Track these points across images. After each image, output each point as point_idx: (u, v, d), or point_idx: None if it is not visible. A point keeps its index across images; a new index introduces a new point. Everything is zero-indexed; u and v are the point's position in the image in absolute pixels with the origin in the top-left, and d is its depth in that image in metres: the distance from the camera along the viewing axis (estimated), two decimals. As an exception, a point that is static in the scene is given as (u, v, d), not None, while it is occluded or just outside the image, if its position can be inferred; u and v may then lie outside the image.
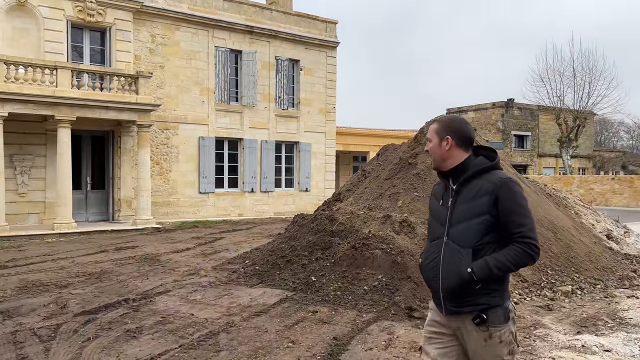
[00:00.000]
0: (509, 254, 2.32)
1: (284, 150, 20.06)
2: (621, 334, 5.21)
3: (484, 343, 2.38)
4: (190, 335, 5.07)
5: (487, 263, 2.32)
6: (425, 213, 8.29)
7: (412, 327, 5.34)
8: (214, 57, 18.09)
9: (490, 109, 40.19)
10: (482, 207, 2.38)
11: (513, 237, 2.34)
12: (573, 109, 33.72)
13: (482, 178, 2.43)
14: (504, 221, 2.35)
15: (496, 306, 2.38)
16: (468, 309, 2.39)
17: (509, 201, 2.35)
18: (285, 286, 6.97)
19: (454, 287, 2.38)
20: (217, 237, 12.84)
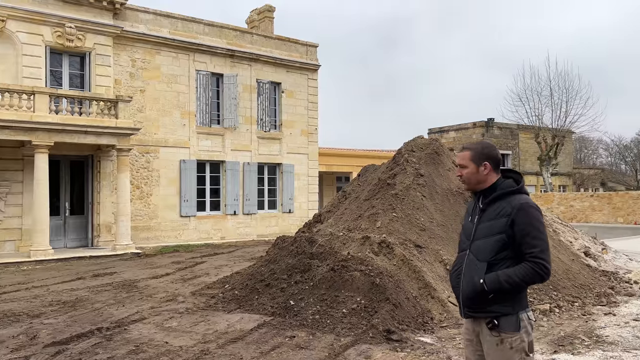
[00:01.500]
0: (519, 271, 2.57)
1: (266, 172, 20.04)
2: (597, 352, 5.22)
3: (495, 347, 2.64)
4: (163, 364, 4.95)
5: (498, 277, 2.58)
6: (404, 233, 8.31)
7: (389, 350, 5.29)
8: (195, 80, 18.14)
9: (471, 129, 40.74)
10: (500, 227, 2.64)
11: (525, 257, 2.58)
12: (551, 128, 34.34)
13: (505, 200, 2.70)
14: (519, 242, 2.59)
15: (508, 315, 2.61)
16: (481, 314, 2.68)
17: (524, 224, 2.59)
18: (263, 311, 6.88)
19: (470, 295, 2.68)
20: (197, 262, 12.68)
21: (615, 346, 5.44)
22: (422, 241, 8.18)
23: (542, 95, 34.62)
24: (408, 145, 10.68)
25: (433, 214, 8.90)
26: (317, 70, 21.60)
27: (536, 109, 34.77)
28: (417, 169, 9.81)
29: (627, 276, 9.26)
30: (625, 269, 10.28)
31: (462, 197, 9.39)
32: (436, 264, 7.75)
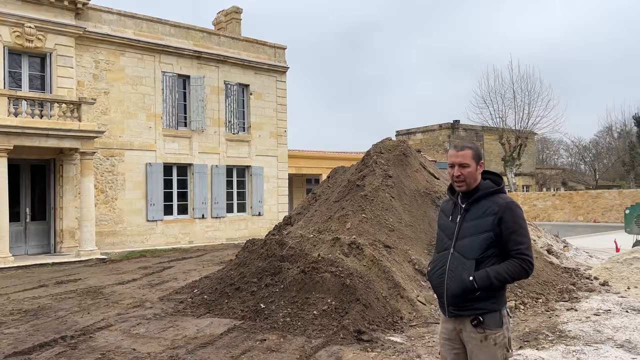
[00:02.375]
0: (508, 267, 2.64)
1: (235, 174, 19.88)
2: (560, 347, 5.38)
3: (480, 344, 2.68)
4: (131, 371, 4.85)
5: (487, 274, 2.63)
6: (373, 234, 8.38)
7: (360, 350, 5.32)
8: (161, 82, 17.84)
9: (437, 131, 41.45)
10: (487, 225, 2.70)
11: (512, 253, 2.67)
12: (515, 129, 35.27)
13: (489, 200, 2.76)
14: (506, 239, 2.67)
15: (493, 311, 2.68)
16: (467, 312, 2.69)
17: (511, 222, 2.67)
18: (233, 315, 6.82)
19: (457, 293, 2.69)
20: (165, 267, 12.46)
21: (577, 340, 5.62)
22: (391, 242, 8.27)
23: (505, 98, 35.56)
24: (376, 147, 10.78)
25: (402, 215, 9.01)
26: (285, 73, 21.58)
27: (500, 111, 35.69)
28: (385, 170, 9.91)
29: (588, 272, 9.58)
30: (585, 266, 10.64)
31: (429, 197, 9.54)
32: (405, 263, 7.84)
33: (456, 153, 2.83)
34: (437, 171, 11.19)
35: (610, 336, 5.74)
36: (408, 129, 43.68)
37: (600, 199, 29.28)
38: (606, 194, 29.60)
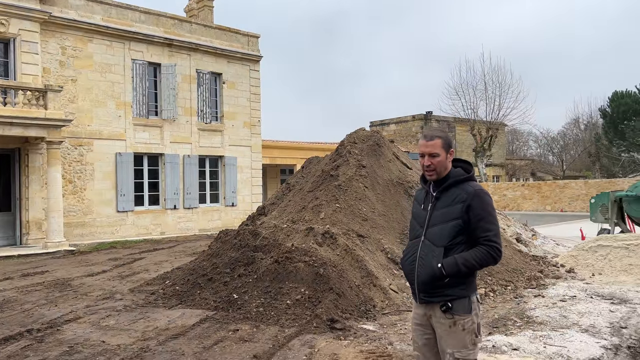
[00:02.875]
0: (475, 254, 2.68)
1: (208, 164, 19.65)
2: (528, 332, 5.51)
3: (448, 329, 2.72)
4: (100, 364, 4.76)
5: (455, 260, 2.67)
6: (347, 224, 8.40)
7: (333, 338, 5.34)
8: (131, 70, 17.44)
9: (410, 122, 41.81)
10: (456, 213, 2.72)
11: (480, 240, 2.70)
12: (486, 121, 35.83)
13: (459, 187, 2.79)
14: (474, 226, 2.70)
15: (462, 297, 2.71)
16: (437, 299, 2.72)
17: (479, 209, 2.70)
18: (206, 306, 6.75)
19: (427, 280, 2.72)
20: (136, 258, 12.26)
21: (544, 326, 5.76)
22: (364, 231, 8.31)
23: (477, 89, 36.03)
24: (350, 137, 10.79)
25: (375, 204, 9.05)
26: (259, 62, 21.36)
27: (471, 102, 36.15)
28: (359, 160, 9.93)
29: (555, 260, 9.84)
30: (553, 254, 10.93)
31: (402, 187, 9.62)
32: (378, 252, 7.90)
33: (426, 143, 2.83)
34: (409, 161, 11.28)
35: (576, 321, 5.91)
36: (382, 119, 43.93)
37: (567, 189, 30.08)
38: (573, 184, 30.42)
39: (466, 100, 36.31)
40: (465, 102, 36.30)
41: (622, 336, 5.32)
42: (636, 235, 9.88)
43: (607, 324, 5.77)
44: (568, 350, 4.87)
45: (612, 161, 38.59)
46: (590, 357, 4.68)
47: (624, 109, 35.79)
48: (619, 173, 36.75)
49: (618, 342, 5.11)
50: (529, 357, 4.66)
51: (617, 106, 36.67)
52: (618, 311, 6.35)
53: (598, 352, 4.80)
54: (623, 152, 37.16)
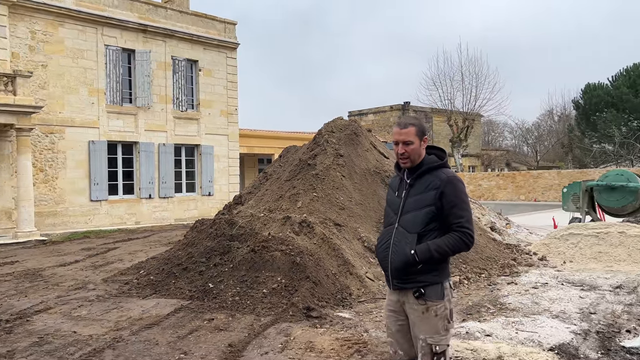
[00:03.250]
0: (448, 240, 2.68)
1: (184, 153, 19.39)
2: (501, 318, 5.61)
3: (421, 315, 2.73)
4: (71, 355, 4.66)
5: (428, 247, 2.67)
6: (324, 213, 8.40)
7: (309, 327, 5.35)
8: (104, 56, 17.03)
9: (388, 112, 41.95)
10: (429, 200, 2.72)
11: (452, 227, 2.70)
12: (462, 111, 36.20)
13: (432, 174, 2.78)
14: (447, 213, 2.70)
15: (435, 284, 2.72)
16: (410, 285, 2.73)
17: (452, 196, 2.70)
18: (181, 295, 6.68)
19: (400, 267, 2.72)
20: (110, 248, 12.06)
21: (517, 312, 5.87)
22: (341, 220, 8.32)
23: (454, 80, 36.36)
24: (328, 126, 10.76)
25: (352, 193, 9.06)
26: (236, 49, 21.10)
27: (448, 93, 36.47)
28: (336, 149, 9.92)
29: (528, 248, 10.03)
30: (526, 242, 11.13)
31: (379, 176, 9.64)
32: (355, 241, 7.92)
33: (400, 131, 2.83)
34: (387, 151, 11.32)
35: (547, 307, 6.04)
36: (360, 109, 43.97)
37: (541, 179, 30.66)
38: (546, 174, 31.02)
39: (443, 91, 36.65)
40: (443, 93, 36.61)
41: (591, 322, 5.45)
42: (606, 224, 10.13)
43: (576, 310, 5.90)
44: (539, 335, 4.96)
45: (584, 152, 39.45)
46: (560, 342, 4.78)
47: (596, 101, 36.57)
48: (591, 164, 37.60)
49: (587, 328, 5.24)
50: (501, 343, 4.74)
51: (589, 98, 37.45)
52: (587, 297, 6.51)
53: (568, 337, 4.91)
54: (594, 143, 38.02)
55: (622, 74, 36.96)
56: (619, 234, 9.32)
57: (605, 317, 5.64)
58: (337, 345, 4.76)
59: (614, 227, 9.60)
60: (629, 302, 6.29)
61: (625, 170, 13.56)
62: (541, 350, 4.56)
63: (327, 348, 4.69)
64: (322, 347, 4.70)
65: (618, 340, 4.89)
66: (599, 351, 4.59)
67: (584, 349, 4.64)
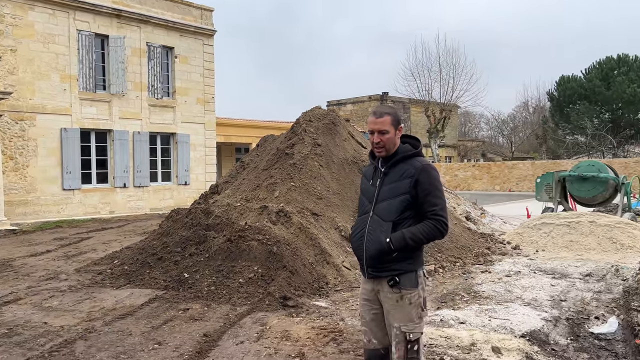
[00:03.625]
0: (423, 228, 2.69)
1: (159, 142, 19.09)
2: (475, 306, 5.69)
3: (395, 304, 2.74)
4: (41, 346, 4.56)
5: (403, 235, 2.68)
6: (301, 202, 8.37)
7: (285, 316, 5.34)
8: (77, 41, 16.58)
9: (367, 102, 42.01)
10: (404, 188, 2.72)
11: (427, 215, 2.72)
12: (440, 102, 36.48)
13: (407, 163, 2.79)
14: (421, 201, 2.71)
15: (409, 272, 2.73)
16: (385, 273, 2.73)
17: (427, 184, 2.71)
18: (155, 285, 6.60)
19: (375, 255, 2.72)
20: (83, 237, 11.84)
21: (490, 300, 5.97)
22: (319, 209, 8.31)
23: (431, 71, 36.59)
24: (306, 116, 10.70)
25: (330, 183, 9.06)
26: (213, 36, 20.78)
27: (426, 84, 36.68)
28: (314, 139, 9.88)
29: (502, 237, 10.20)
30: (500, 231, 11.32)
31: (356, 166, 9.65)
32: (332, 230, 7.93)
33: (375, 120, 2.82)
34: (365, 140, 11.33)
35: (519, 295, 6.16)
36: (339, 99, 43.91)
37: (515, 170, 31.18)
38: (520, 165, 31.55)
39: (421, 82, 36.84)
40: (420, 84, 36.80)
41: (561, 309, 5.58)
42: (577, 214, 10.36)
43: (548, 298, 6.03)
44: (511, 322, 5.06)
45: (557, 143, 40.23)
46: (532, 329, 4.88)
47: (570, 93, 37.26)
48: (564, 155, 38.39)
49: (557, 315, 5.36)
50: (474, 330, 4.81)
51: (563, 90, 38.12)
52: (558, 285, 6.66)
53: (539, 324, 5.01)
54: (568, 135, 38.80)
55: (595, 66, 37.70)
56: (590, 224, 9.54)
57: (575, 304, 5.78)
58: (313, 334, 4.77)
59: (585, 217, 9.83)
60: (597, 289, 6.46)
61: (596, 161, 13.86)
62: (513, 337, 4.64)
63: (303, 337, 4.69)
64: (298, 336, 4.71)
65: (587, 326, 5.01)
66: (569, 337, 4.70)
67: (554, 335, 4.74)
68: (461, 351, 4.29)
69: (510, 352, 4.27)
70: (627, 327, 4.91)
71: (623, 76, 34.94)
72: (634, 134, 36.48)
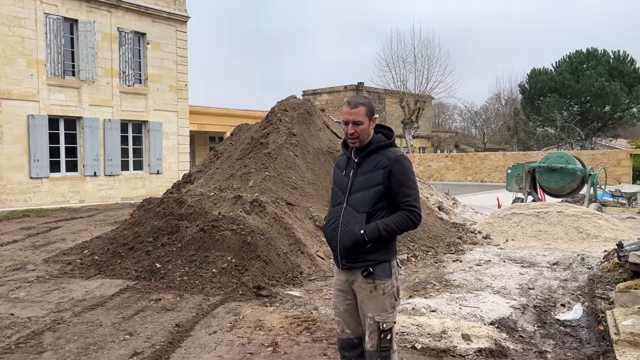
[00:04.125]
0: (396, 219, 2.69)
1: (131, 129, 18.70)
2: (446, 294, 5.80)
3: (369, 294, 2.75)
4: (8, 338, 4.45)
5: (377, 226, 2.67)
6: (276, 192, 8.35)
7: (259, 305, 5.34)
8: (44, 25, 16.04)
9: (342, 92, 41.99)
10: (377, 179, 2.71)
11: (400, 205, 2.72)
12: (414, 93, 36.76)
13: (380, 153, 2.77)
14: (395, 192, 2.71)
15: (383, 262, 2.74)
16: (359, 264, 2.73)
17: (400, 175, 2.71)
18: (126, 276, 6.51)
19: (349, 246, 2.72)
20: (52, 227, 11.56)
21: (461, 288, 6.08)
22: (293, 199, 8.30)
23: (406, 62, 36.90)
24: (281, 105, 10.64)
25: (304, 173, 9.05)
26: (186, 22, 20.39)
27: (401, 74, 36.90)
28: (289, 128, 9.84)
29: (473, 227, 10.38)
30: (471, 221, 11.52)
31: (331, 156, 9.66)
32: (306, 220, 7.93)
33: (349, 110, 2.80)
34: (340, 131, 11.34)
35: (489, 284, 6.29)
36: (314, 89, 43.77)
37: (487, 161, 31.71)
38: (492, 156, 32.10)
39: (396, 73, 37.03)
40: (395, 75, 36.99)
41: (529, 297, 5.73)
42: (546, 204, 10.62)
43: (516, 286, 6.18)
44: (481, 310, 5.17)
45: (528, 135, 41.04)
46: (501, 316, 4.99)
47: (541, 86, 37.96)
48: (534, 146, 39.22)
49: (525, 302, 5.50)
50: (445, 318, 4.90)
51: (534, 83, 38.81)
52: (527, 274, 6.83)
53: (507, 312, 5.13)
54: (538, 127, 39.61)
55: (565, 60, 38.48)
56: (558, 214, 9.79)
57: (542, 292, 5.94)
58: (286, 323, 4.78)
59: (553, 207, 10.08)
60: (564, 277, 6.65)
61: (564, 153, 14.21)
62: (482, 324, 4.75)
63: (276, 326, 4.70)
64: (272, 325, 4.71)
65: (553, 313, 5.16)
66: (536, 324, 4.83)
67: (522, 322, 4.87)
68: (432, 338, 4.37)
69: (479, 339, 4.36)
70: (591, 314, 5.07)
71: (592, 70, 35.77)
72: (601, 127, 37.47)
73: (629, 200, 15.26)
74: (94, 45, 17.13)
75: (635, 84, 35.15)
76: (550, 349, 4.23)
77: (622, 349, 3.81)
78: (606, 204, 15.33)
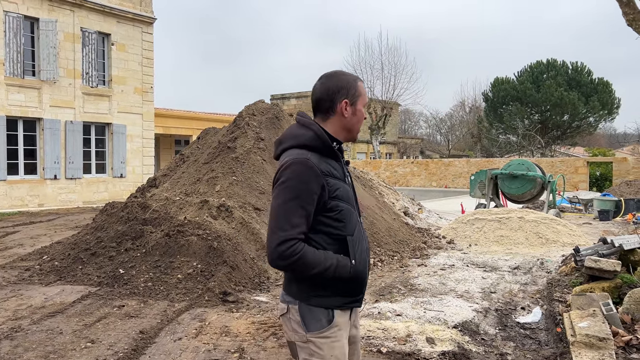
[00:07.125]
0: None
1: (93, 132, 18.27)
2: (411, 299, 5.89)
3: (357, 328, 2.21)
4: (-39, 348, 4.28)
5: None
6: (243, 197, 8.30)
7: (225, 311, 5.30)
8: (3, 23, 15.53)
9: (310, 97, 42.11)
10: None
11: None
12: (381, 100, 37.23)
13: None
14: None
15: None
16: None
17: None
18: (88, 282, 6.34)
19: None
20: (9, 232, 11.16)
21: (426, 292, 6.19)
22: (261, 204, 8.28)
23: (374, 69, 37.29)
24: (249, 109, 10.61)
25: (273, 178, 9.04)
26: (152, 24, 20.09)
27: (369, 81, 37.29)
28: (257, 132, 9.82)
29: (437, 232, 10.58)
30: (436, 226, 11.73)
31: (299, 161, 9.68)
32: (273, 225, 7.91)
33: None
34: (307, 135, 11.39)
35: (453, 288, 6.42)
36: (282, 93, 43.73)
37: (452, 167, 32.35)
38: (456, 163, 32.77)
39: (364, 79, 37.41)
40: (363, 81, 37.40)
41: (491, 300, 5.88)
42: (507, 210, 10.92)
43: (479, 290, 6.33)
44: (445, 314, 5.28)
45: (491, 142, 42.12)
46: (464, 319, 5.11)
47: (503, 94, 39.05)
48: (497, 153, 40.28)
49: (488, 306, 5.64)
50: (410, 322, 4.98)
51: (497, 91, 39.89)
52: (489, 278, 7.00)
53: (470, 315, 5.26)
54: (501, 134, 40.71)
55: (527, 70, 39.71)
56: (519, 219, 10.09)
57: (503, 295, 6.11)
58: (253, 328, 4.76)
59: (515, 213, 10.38)
60: (524, 281, 6.86)
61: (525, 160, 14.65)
62: (446, 328, 4.85)
63: (242, 332, 4.67)
64: (238, 331, 4.69)
65: (514, 316, 5.32)
66: (497, 327, 4.97)
67: (484, 325, 5.00)
68: (397, 342, 4.43)
69: (443, 342, 4.45)
70: (549, 317, 5.25)
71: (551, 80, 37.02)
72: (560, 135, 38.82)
73: (586, 206, 15.86)
74: (56, 45, 16.67)
75: (591, 94, 36.58)
76: (511, 351, 4.36)
77: (578, 350, 3.96)
78: (564, 210, 15.89)
